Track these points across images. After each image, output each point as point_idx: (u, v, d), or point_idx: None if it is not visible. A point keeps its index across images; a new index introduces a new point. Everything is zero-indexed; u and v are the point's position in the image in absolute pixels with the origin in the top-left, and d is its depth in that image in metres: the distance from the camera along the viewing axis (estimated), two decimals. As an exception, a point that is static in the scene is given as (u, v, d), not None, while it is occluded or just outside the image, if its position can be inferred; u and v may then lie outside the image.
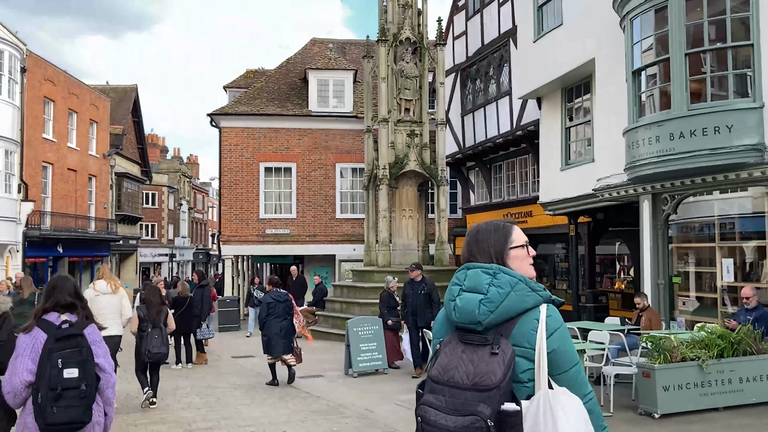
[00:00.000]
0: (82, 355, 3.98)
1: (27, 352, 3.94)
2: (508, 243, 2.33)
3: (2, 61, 24.17)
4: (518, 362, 2.12)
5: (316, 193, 23.61)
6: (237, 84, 27.55)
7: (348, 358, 12.09)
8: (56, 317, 4.09)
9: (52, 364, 3.87)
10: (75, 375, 3.91)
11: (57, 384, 3.84)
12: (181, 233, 54.72)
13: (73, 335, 4.02)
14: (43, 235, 27.90)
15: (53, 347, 3.92)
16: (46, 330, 4.00)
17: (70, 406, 3.87)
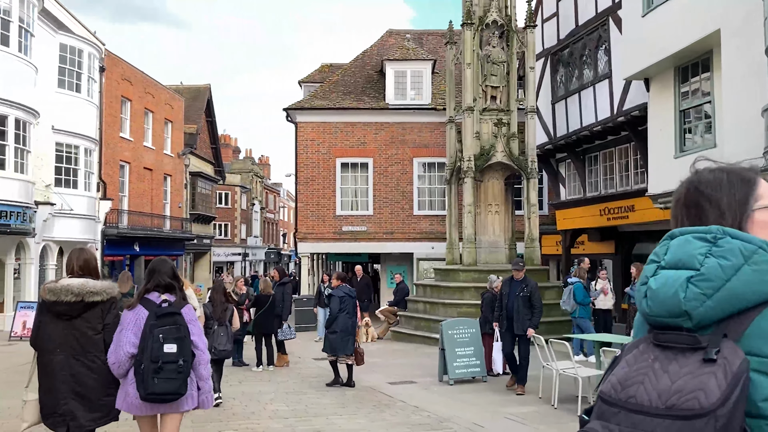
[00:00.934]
0: (180, 332, 4.37)
1: (130, 326, 4.36)
2: (751, 199, 1.47)
3: (82, 59, 24.28)
4: (757, 381, 1.30)
5: (393, 189, 22.67)
6: (312, 78, 26.96)
7: (442, 364, 11.03)
8: (157, 296, 4.51)
9: (153, 338, 4.27)
10: (174, 350, 4.28)
11: (158, 357, 4.23)
12: (254, 233, 54.96)
13: (171, 313, 4.41)
14: (120, 234, 28.04)
15: (154, 323, 4.33)
16: (148, 308, 4.42)
17: (168, 378, 4.24)
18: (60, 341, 4.48)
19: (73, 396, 4.45)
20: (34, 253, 21.21)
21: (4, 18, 18.54)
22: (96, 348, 4.51)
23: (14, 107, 18.90)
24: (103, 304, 4.60)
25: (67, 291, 4.50)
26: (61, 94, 23.29)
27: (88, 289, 4.53)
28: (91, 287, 4.56)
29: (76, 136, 23.82)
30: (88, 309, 4.53)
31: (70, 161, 23.72)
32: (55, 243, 22.81)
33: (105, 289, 4.63)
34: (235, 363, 12.86)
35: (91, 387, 4.49)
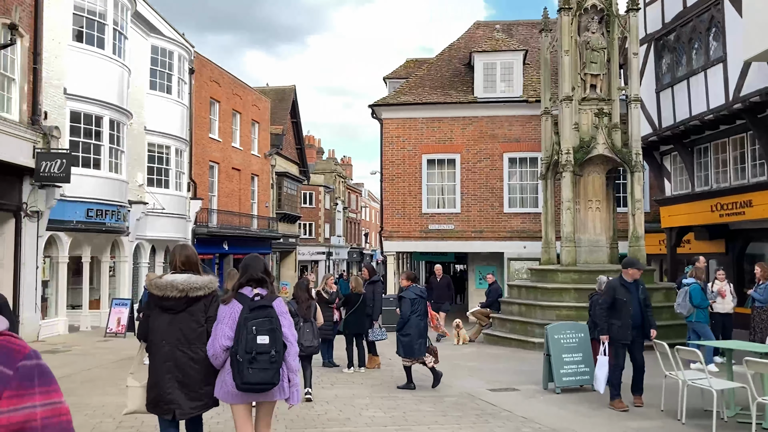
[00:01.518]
0: (272, 324, 4.55)
1: (226, 320, 4.59)
2: None
3: (172, 61, 24.73)
4: None
5: (482, 185, 21.83)
6: (397, 74, 26.46)
7: (548, 370, 10.21)
8: (249, 291, 4.72)
9: (247, 330, 4.48)
10: (266, 341, 4.47)
11: (252, 348, 4.42)
12: (337, 232, 55.18)
13: (264, 306, 4.62)
14: (210, 233, 28.46)
15: (248, 316, 4.53)
16: (242, 301, 4.64)
17: (262, 369, 4.43)
18: (166, 333, 4.75)
19: (178, 385, 4.69)
20: (128, 251, 21.67)
21: (99, 21, 18.97)
22: (199, 340, 4.75)
23: (109, 108, 19.31)
24: (206, 298, 4.85)
25: (173, 287, 4.74)
26: (152, 95, 23.78)
27: (192, 284, 4.77)
28: (195, 283, 4.79)
29: (168, 137, 24.28)
30: (192, 303, 4.78)
31: (162, 161, 24.19)
32: (147, 241, 23.28)
33: (207, 284, 4.85)
34: (325, 364, 12.47)
35: (194, 377, 4.72)
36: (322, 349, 12.47)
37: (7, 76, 15.75)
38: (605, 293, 8.81)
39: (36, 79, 16.63)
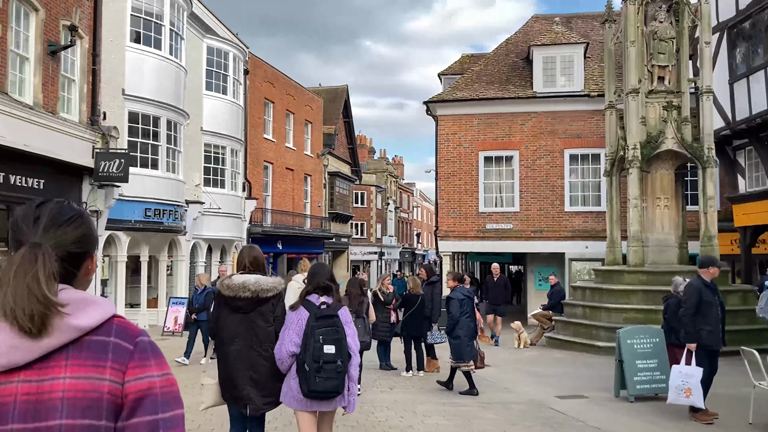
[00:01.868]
0: (338, 334, 4.64)
1: (293, 326, 4.68)
2: None
3: (227, 62, 24.84)
4: None
5: (542, 183, 21.13)
6: (452, 70, 25.96)
7: (620, 377, 9.61)
8: (316, 298, 4.81)
9: (315, 339, 4.56)
10: (332, 351, 4.55)
11: (319, 357, 4.51)
12: (389, 232, 54.91)
13: (330, 315, 4.70)
14: (265, 232, 28.52)
15: (315, 325, 4.61)
16: (309, 309, 4.72)
17: (329, 378, 4.52)
18: (237, 333, 4.88)
19: (250, 382, 4.83)
20: (185, 251, 21.81)
21: (156, 22, 19.11)
22: (268, 339, 4.88)
23: (166, 108, 19.44)
24: (274, 299, 4.96)
25: (244, 288, 4.85)
26: (208, 96, 23.93)
27: (261, 285, 4.88)
28: (265, 284, 4.90)
29: (223, 137, 24.39)
30: (261, 303, 4.88)
31: (218, 161, 24.32)
32: (204, 241, 23.42)
33: (275, 285, 4.98)
34: (382, 366, 12.12)
35: (265, 374, 4.86)
36: (379, 351, 12.17)
37: (67, 77, 15.95)
38: (691, 295, 8.13)
39: (95, 80, 16.82)
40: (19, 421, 1.41)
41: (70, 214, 1.60)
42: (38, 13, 14.25)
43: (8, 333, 1.43)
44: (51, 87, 14.96)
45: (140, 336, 1.56)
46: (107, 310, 1.54)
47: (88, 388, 1.45)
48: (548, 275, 22.30)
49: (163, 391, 1.52)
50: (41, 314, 1.42)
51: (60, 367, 1.46)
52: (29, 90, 14.30)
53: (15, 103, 13.32)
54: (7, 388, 1.43)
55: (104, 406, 1.46)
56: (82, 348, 1.48)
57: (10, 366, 1.43)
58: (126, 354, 1.51)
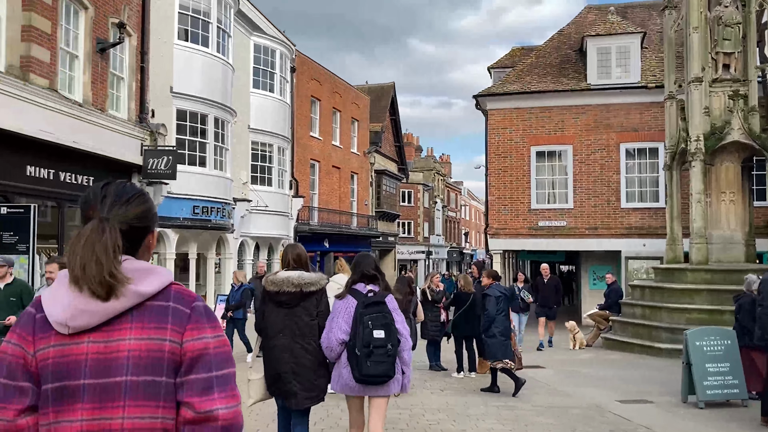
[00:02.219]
0: (386, 319, 4.74)
1: (341, 314, 4.78)
2: None
3: (275, 59, 24.79)
4: None
5: (596, 179, 20.36)
6: (503, 63, 25.33)
7: (688, 381, 8.97)
8: (363, 287, 4.90)
9: (364, 325, 4.67)
10: (382, 335, 4.65)
11: (369, 342, 4.61)
12: (436, 231, 54.36)
13: (377, 302, 4.80)
14: (312, 230, 28.43)
15: (363, 312, 4.72)
16: (356, 297, 4.82)
17: (380, 362, 4.61)
18: (282, 327, 4.97)
19: (294, 376, 4.90)
20: (233, 248, 21.81)
21: (204, 19, 19.11)
22: (312, 333, 4.97)
23: (213, 106, 19.43)
24: (317, 294, 5.05)
25: (288, 283, 4.97)
26: (255, 94, 23.92)
27: (305, 280, 4.98)
28: (308, 279, 5.00)
29: (270, 135, 24.34)
30: (305, 298, 4.98)
31: (265, 159, 24.29)
32: (251, 239, 23.40)
33: (318, 281, 5.08)
34: (432, 367, 11.70)
35: (308, 368, 4.92)
36: (429, 352, 11.76)
37: (116, 74, 16.02)
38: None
39: (143, 78, 16.87)
40: (90, 377, 1.58)
41: (132, 193, 1.75)
42: (87, 10, 14.32)
43: (79, 298, 1.59)
44: (100, 84, 15.03)
45: (196, 301, 1.71)
46: (166, 278, 1.70)
47: (151, 348, 1.61)
48: (603, 274, 21.53)
49: (216, 351, 1.66)
50: (107, 282, 1.58)
51: (125, 329, 1.61)
52: (78, 87, 14.38)
53: (64, 100, 13.38)
54: (78, 347, 1.60)
55: (164, 364, 1.62)
56: (144, 312, 1.63)
57: (81, 328, 1.60)
58: (184, 317, 1.65)
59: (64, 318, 1.60)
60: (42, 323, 1.64)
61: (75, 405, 1.59)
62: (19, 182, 12.30)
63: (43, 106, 12.58)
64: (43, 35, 12.78)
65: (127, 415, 1.59)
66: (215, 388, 1.63)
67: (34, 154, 12.75)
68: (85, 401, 1.59)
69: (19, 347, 1.64)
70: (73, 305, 1.59)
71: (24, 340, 1.64)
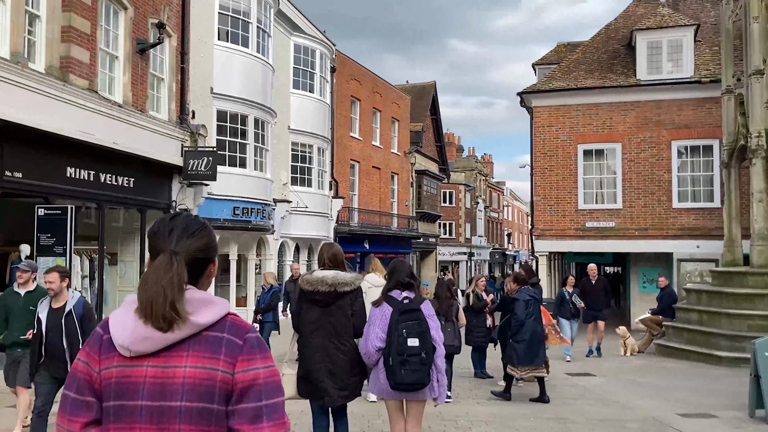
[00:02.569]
0: (421, 327, 4.82)
1: (377, 322, 4.91)
2: None
3: (314, 60, 24.59)
4: None
5: (646, 178, 19.56)
6: (548, 60, 24.65)
7: (756, 394, 8.32)
8: (398, 294, 4.99)
9: (398, 333, 4.75)
10: (416, 344, 4.72)
11: (403, 351, 4.69)
12: (478, 232, 53.61)
13: (413, 309, 4.89)
14: (351, 231, 28.16)
15: (398, 319, 4.81)
16: (392, 304, 4.92)
17: (414, 370, 4.69)
18: (317, 325, 5.00)
19: (327, 374, 4.91)
20: (273, 249, 21.65)
21: (244, 19, 18.97)
22: (346, 332, 5.00)
23: (254, 107, 19.28)
24: (352, 293, 5.06)
25: (323, 282, 4.98)
26: (295, 94, 23.74)
27: (339, 280, 4.99)
28: (342, 279, 5.01)
29: (310, 136, 24.14)
30: (339, 298, 5.00)
31: (305, 160, 24.10)
32: (291, 240, 23.23)
33: (353, 280, 5.10)
34: (477, 374, 11.24)
35: (342, 366, 4.95)
36: (474, 358, 11.31)
37: (156, 75, 15.96)
38: None
39: (183, 79, 16.80)
40: (148, 399, 1.68)
41: (197, 227, 1.85)
42: (127, 11, 14.26)
43: (142, 326, 1.69)
44: (140, 85, 14.98)
45: (249, 333, 1.78)
46: (223, 309, 1.78)
47: (204, 377, 1.69)
48: (653, 277, 20.72)
49: (266, 381, 1.74)
50: (170, 316, 1.67)
51: (182, 356, 1.70)
52: (118, 88, 14.34)
53: (104, 101, 13.33)
54: (138, 370, 1.69)
55: (216, 393, 1.69)
56: (200, 341, 1.72)
57: (141, 353, 1.69)
58: (236, 348, 1.73)
59: (127, 343, 1.71)
60: (108, 344, 1.76)
61: (133, 424, 1.69)
62: (59, 183, 12.27)
63: (83, 107, 12.54)
64: (82, 36, 12.74)
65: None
66: (264, 417, 1.72)
67: (74, 156, 12.71)
68: (143, 422, 1.68)
69: (86, 365, 1.76)
70: (137, 332, 1.70)
71: (91, 358, 1.77)
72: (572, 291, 13.57)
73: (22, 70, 10.95)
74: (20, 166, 11.33)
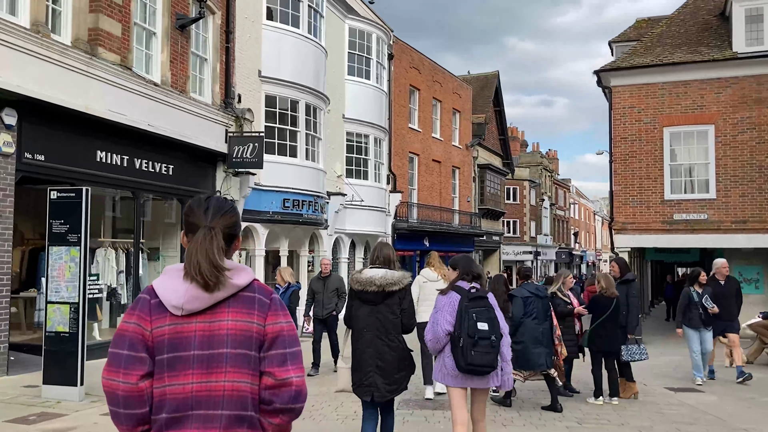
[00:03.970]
0: (489, 313, 4.99)
1: (446, 308, 5.04)
2: None
3: (370, 44, 23.11)
4: None
5: (745, 163, 17.22)
6: (626, 37, 22.42)
7: None
8: (465, 284, 5.17)
9: (469, 317, 4.91)
10: (486, 328, 4.89)
11: (474, 333, 4.85)
12: (543, 230, 51.13)
13: (480, 297, 5.07)
14: (410, 228, 26.58)
15: (468, 305, 4.97)
16: (459, 292, 5.09)
17: (484, 353, 4.84)
18: (367, 323, 5.22)
19: (376, 370, 5.13)
20: (327, 245, 20.27)
21: (294, -3, 17.63)
22: (395, 329, 5.21)
23: (305, 92, 17.94)
24: (400, 292, 5.23)
25: (371, 282, 5.18)
26: (350, 81, 22.33)
27: (388, 280, 5.17)
28: (391, 278, 5.18)
29: (366, 125, 22.68)
30: (388, 296, 5.19)
31: (361, 151, 22.65)
32: (347, 235, 21.81)
33: (401, 279, 5.24)
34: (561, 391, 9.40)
35: (390, 362, 5.15)
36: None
37: (199, 55, 14.77)
38: None
39: (228, 59, 15.56)
40: (198, 348, 2.04)
41: (227, 207, 2.23)
42: (165, -18, 13.07)
43: (192, 288, 2.05)
44: (180, 65, 13.78)
45: (273, 294, 2.21)
46: (251, 274, 2.18)
47: (242, 328, 2.08)
48: (752, 276, 18.43)
49: (288, 333, 2.14)
50: (216, 275, 2.04)
51: (224, 313, 2.08)
52: (156, 67, 13.16)
53: (138, 79, 12.14)
54: (189, 326, 2.05)
55: (253, 341, 2.09)
56: (238, 300, 2.11)
57: (192, 311, 2.06)
58: (265, 306, 2.14)
59: (181, 302, 2.05)
60: (157, 307, 2.08)
61: (187, 371, 2.03)
62: (87, 168, 11.11)
63: (114, 84, 11.34)
64: (113, 6, 11.57)
65: (227, 379, 2.04)
66: (289, 362, 2.10)
67: (106, 138, 11.55)
68: (195, 368, 2.03)
69: (138, 326, 2.07)
70: (189, 293, 2.04)
71: (142, 320, 2.07)
72: (703, 291, 10.53)
73: (43, 40, 9.80)
74: (43, 147, 10.20)
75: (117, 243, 12.84)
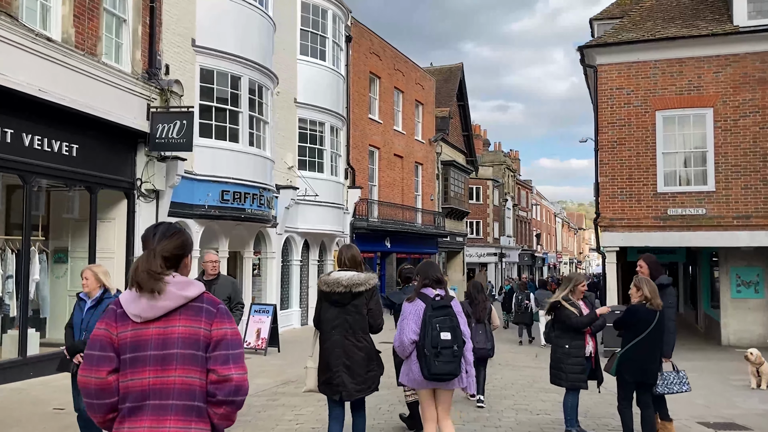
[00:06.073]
0: (452, 322, 5.06)
1: (411, 316, 5.10)
2: None
3: (326, 21, 20.65)
4: None
5: (747, 152, 15.34)
6: (609, 14, 20.44)
7: None
8: (431, 291, 5.20)
9: (432, 327, 4.99)
10: (449, 337, 4.96)
11: (437, 344, 4.92)
12: (506, 232, 49.31)
13: (444, 306, 5.11)
14: (370, 227, 24.18)
15: (432, 314, 5.04)
16: (425, 300, 5.14)
17: (447, 362, 4.92)
18: (335, 323, 5.32)
19: (344, 369, 5.24)
20: (276, 246, 17.71)
21: (236, -45, 15.05)
22: (362, 329, 5.33)
23: (248, 67, 15.38)
24: (367, 293, 5.36)
25: (338, 283, 5.29)
26: (303, 62, 19.82)
27: (354, 281, 5.29)
28: (357, 280, 5.31)
29: (322, 111, 20.19)
30: (355, 297, 5.29)
31: (315, 140, 20.14)
32: (299, 235, 19.25)
33: (368, 281, 5.38)
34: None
35: (358, 362, 5.26)
36: (566, 405, 7.10)
37: (115, 14, 12.12)
38: None
39: (153, 22, 12.92)
40: (155, 349, 2.43)
41: (173, 231, 2.65)
42: None
43: (144, 300, 2.45)
44: (88, 22, 11.10)
45: (219, 305, 2.57)
46: (201, 288, 2.55)
47: (191, 332, 2.46)
48: (752, 278, 16.65)
49: (232, 337, 2.51)
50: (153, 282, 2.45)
51: (176, 320, 2.47)
52: (56, 20, 10.49)
53: (26, 31, 9.45)
54: (147, 331, 2.45)
55: (200, 343, 2.46)
56: (188, 309, 2.49)
57: (148, 318, 2.45)
58: (212, 314, 2.51)
59: (138, 312, 2.45)
60: (121, 316, 2.49)
61: (145, 368, 2.42)
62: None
63: (-15, 33, 8.68)
64: (-15, -70, 8.90)
65: (178, 374, 2.43)
66: (231, 361, 2.47)
67: (-24, 104, 8.88)
68: (151, 365, 2.42)
69: (107, 331, 2.48)
70: (144, 304, 2.45)
71: (110, 326, 2.48)
72: None
73: None
74: None
75: (3, 241, 10.13)
